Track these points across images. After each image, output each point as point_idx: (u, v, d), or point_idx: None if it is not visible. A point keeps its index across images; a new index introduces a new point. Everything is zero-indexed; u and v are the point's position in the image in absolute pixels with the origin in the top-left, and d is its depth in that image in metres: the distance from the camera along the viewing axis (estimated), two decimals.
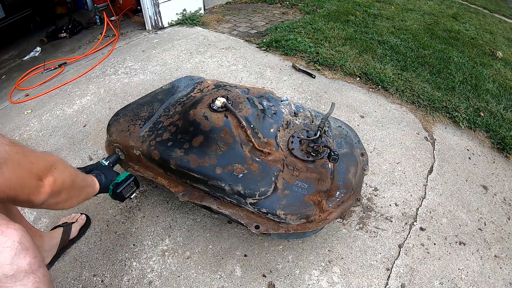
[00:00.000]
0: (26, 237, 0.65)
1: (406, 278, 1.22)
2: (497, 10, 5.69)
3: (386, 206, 1.49)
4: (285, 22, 3.42)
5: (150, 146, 1.19)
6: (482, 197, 1.61)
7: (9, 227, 0.64)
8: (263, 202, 1.05)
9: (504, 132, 2.02)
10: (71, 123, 1.93)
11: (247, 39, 3.01)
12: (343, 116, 2.02)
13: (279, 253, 1.27)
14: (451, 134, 2.01)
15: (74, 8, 4.05)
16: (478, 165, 1.81)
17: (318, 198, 1.07)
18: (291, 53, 2.73)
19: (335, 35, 3.06)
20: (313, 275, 1.20)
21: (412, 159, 1.76)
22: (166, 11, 3.22)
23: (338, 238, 1.33)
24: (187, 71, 2.45)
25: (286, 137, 1.24)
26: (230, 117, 1.14)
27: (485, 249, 1.37)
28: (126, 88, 2.25)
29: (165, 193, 1.48)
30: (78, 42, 3.17)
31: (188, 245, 1.28)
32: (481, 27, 4.23)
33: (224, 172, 1.08)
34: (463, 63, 2.85)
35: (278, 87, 2.28)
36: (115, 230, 1.33)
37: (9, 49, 3.22)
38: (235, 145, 1.11)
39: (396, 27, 3.55)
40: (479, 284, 1.24)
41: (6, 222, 0.64)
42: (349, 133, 1.41)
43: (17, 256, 0.62)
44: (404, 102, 2.24)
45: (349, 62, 2.59)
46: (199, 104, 1.20)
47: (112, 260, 1.22)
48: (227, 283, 1.16)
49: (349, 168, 1.23)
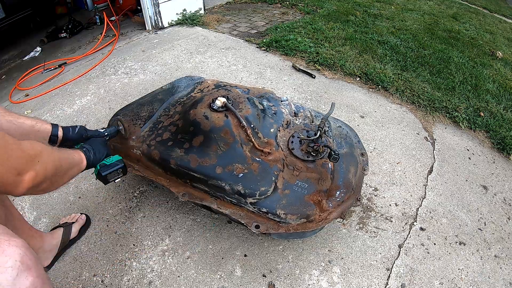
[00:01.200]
0: (29, 255, 0.63)
1: (406, 278, 1.22)
2: (497, 10, 5.69)
3: (386, 206, 1.49)
4: (285, 22, 3.43)
5: (150, 146, 1.19)
6: (482, 197, 1.61)
7: (11, 245, 0.61)
8: (263, 201, 1.05)
9: (504, 132, 2.02)
10: (71, 123, 1.93)
11: (247, 39, 3.01)
12: (343, 116, 2.02)
13: (279, 253, 1.27)
14: (451, 134, 2.01)
15: (74, 8, 4.05)
16: (478, 165, 1.81)
17: (318, 198, 1.07)
18: (291, 53, 2.73)
19: (335, 35, 3.06)
20: (313, 275, 1.20)
21: (412, 159, 1.76)
22: (166, 11, 3.22)
23: (338, 238, 1.33)
24: (187, 71, 2.45)
25: (286, 137, 1.24)
26: (230, 117, 1.14)
27: (485, 249, 1.37)
28: (126, 88, 2.25)
29: (165, 193, 1.48)
30: (78, 42, 3.17)
31: (188, 245, 1.28)
32: (481, 27, 4.23)
33: (224, 171, 1.08)
34: (463, 63, 2.85)
35: (278, 87, 2.28)
36: (115, 230, 1.33)
37: (9, 49, 3.22)
38: (235, 144, 1.11)
39: (396, 27, 3.55)
40: (479, 284, 1.24)
41: (8, 238, 0.62)
42: (349, 133, 1.41)
43: (19, 277, 0.60)
44: (404, 102, 2.24)
45: (349, 62, 2.59)
46: (199, 104, 1.20)
47: (112, 260, 1.22)
48: (227, 283, 1.16)
49: (349, 168, 1.23)
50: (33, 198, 1.40)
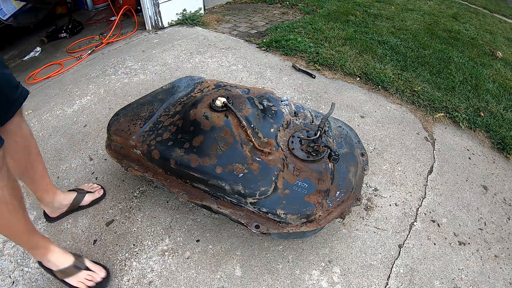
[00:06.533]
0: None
1: (406, 278, 1.22)
2: (497, 10, 5.69)
3: (386, 206, 1.49)
4: (285, 22, 3.43)
5: (150, 145, 1.19)
6: (482, 197, 1.61)
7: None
8: (263, 201, 1.05)
9: (504, 132, 2.02)
10: (71, 123, 1.93)
11: (247, 39, 3.01)
12: (343, 116, 2.02)
13: (279, 253, 1.27)
14: (451, 134, 2.01)
15: (74, 8, 4.05)
16: (478, 165, 1.81)
17: (318, 198, 1.07)
18: (291, 53, 2.73)
19: (335, 35, 3.06)
20: (313, 275, 1.20)
21: (412, 159, 1.76)
22: (166, 11, 3.22)
23: (338, 238, 1.33)
24: (187, 71, 2.45)
25: (286, 137, 1.24)
26: (230, 117, 1.14)
27: (485, 249, 1.37)
28: (126, 88, 2.25)
29: (165, 193, 1.48)
30: (78, 42, 3.17)
31: (188, 245, 1.28)
32: (481, 27, 4.23)
33: (224, 171, 1.08)
34: (463, 63, 2.85)
35: (278, 87, 2.28)
36: (115, 230, 1.33)
37: (9, 49, 3.22)
38: (236, 144, 1.11)
39: (396, 27, 3.55)
40: (479, 284, 1.24)
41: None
42: (349, 133, 1.41)
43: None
44: (404, 102, 2.24)
45: (349, 62, 2.59)
46: (199, 103, 1.20)
47: (112, 260, 1.22)
48: (227, 283, 1.16)
49: (349, 168, 1.23)
50: (33, 199, 1.40)
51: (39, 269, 1.17)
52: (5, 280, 1.15)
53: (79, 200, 1.36)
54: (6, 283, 1.14)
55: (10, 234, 0.96)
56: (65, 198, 1.32)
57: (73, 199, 1.34)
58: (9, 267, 1.19)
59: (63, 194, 1.32)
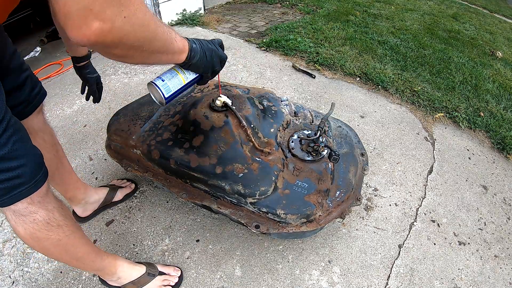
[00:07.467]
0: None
1: (406, 278, 1.22)
2: (497, 10, 5.69)
3: (386, 206, 1.49)
4: (285, 22, 3.43)
5: (150, 145, 1.19)
6: (482, 197, 1.61)
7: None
8: (263, 201, 1.05)
9: (504, 132, 2.02)
10: (71, 123, 1.93)
11: (247, 39, 3.01)
12: (343, 116, 2.02)
13: (279, 253, 1.27)
14: (451, 134, 2.01)
15: None
16: (478, 165, 1.81)
17: (318, 198, 1.07)
18: (291, 53, 2.73)
19: (335, 35, 3.06)
20: (313, 275, 1.20)
21: (412, 159, 1.76)
22: (166, 11, 3.22)
23: (338, 238, 1.33)
24: None
25: (286, 137, 1.24)
26: (230, 117, 1.14)
27: (485, 249, 1.37)
28: (126, 88, 2.25)
29: (165, 193, 1.48)
30: None
31: (188, 245, 1.28)
32: (481, 27, 4.24)
33: (224, 171, 1.07)
34: (463, 63, 2.85)
35: (278, 87, 2.28)
36: (115, 230, 1.33)
37: None
38: (236, 144, 1.11)
39: (396, 27, 3.55)
40: (479, 284, 1.24)
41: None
42: (349, 133, 1.41)
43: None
44: (404, 102, 2.24)
45: (349, 62, 2.59)
46: (199, 103, 1.20)
47: None
48: (227, 283, 1.16)
49: (349, 168, 1.23)
50: None
51: (39, 269, 1.17)
52: (5, 280, 1.14)
53: (112, 195, 1.37)
54: (6, 283, 1.14)
55: (72, 260, 0.86)
56: (97, 193, 1.32)
57: (105, 194, 1.35)
58: (9, 267, 1.18)
59: (94, 189, 1.32)
